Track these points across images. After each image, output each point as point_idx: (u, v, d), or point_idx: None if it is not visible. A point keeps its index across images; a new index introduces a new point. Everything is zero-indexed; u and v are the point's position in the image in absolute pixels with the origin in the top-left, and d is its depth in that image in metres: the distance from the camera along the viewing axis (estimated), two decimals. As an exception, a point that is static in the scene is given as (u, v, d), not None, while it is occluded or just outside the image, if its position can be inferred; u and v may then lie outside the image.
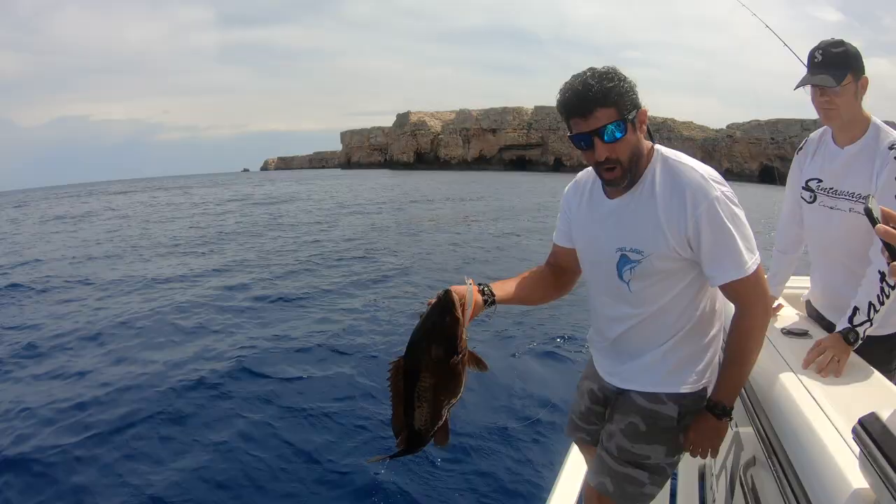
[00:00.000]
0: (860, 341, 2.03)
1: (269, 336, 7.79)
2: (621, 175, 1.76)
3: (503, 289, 1.92)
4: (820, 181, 2.37)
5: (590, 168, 1.93)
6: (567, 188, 2.10)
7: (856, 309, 2.07)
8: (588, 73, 1.69)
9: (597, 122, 1.66)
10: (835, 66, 2.15)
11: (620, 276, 1.87)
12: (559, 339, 7.61)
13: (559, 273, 2.08)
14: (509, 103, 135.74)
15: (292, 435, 5.07)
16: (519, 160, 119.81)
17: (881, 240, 1.06)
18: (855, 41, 2.19)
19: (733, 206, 1.74)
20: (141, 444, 4.91)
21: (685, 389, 1.94)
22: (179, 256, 15.00)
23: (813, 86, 2.23)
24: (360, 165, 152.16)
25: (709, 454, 1.96)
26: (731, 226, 1.71)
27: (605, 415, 2.14)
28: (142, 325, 8.52)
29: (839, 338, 2.04)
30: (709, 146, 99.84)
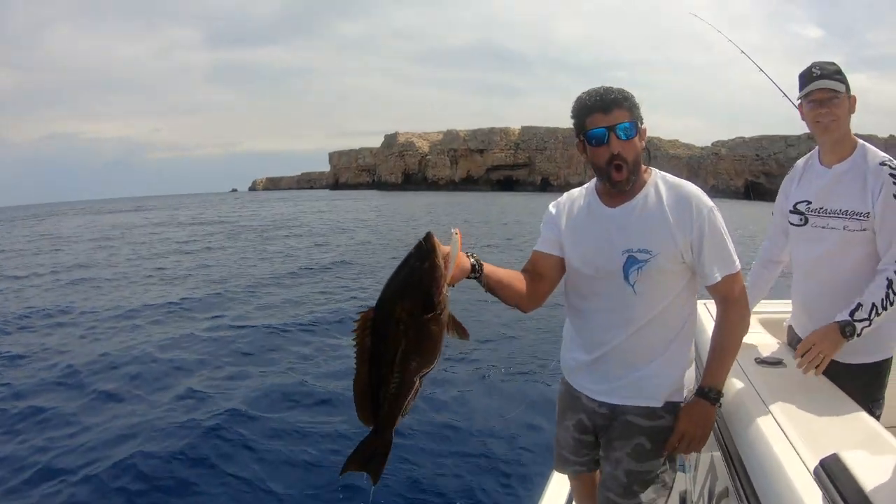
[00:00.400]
0: (856, 337, 2.05)
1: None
2: (627, 177, 1.92)
3: (492, 268, 1.87)
4: (809, 203, 2.34)
5: (578, 188, 2.17)
6: (557, 201, 2.17)
7: (859, 305, 2.07)
8: (607, 86, 1.92)
9: (615, 118, 1.87)
10: (833, 79, 2.18)
11: (626, 278, 1.94)
12: (531, 363, 7.52)
13: (536, 280, 2.05)
14: (496, 124, 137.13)
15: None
16: (506, 180, 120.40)
17: None
18: (836, 57, 2.34)
19: (721, 217, 1.97)
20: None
21: (677, 399, 2.03)
22: (162, 285, 14.52)
23: (810, 100, 2.23)
24: (348, 186, 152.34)
25: (691, 459, 2.00)
26: (723, 231, 1.94)
27: (594, 443, 2.15)
28: (113, 362, 7.67)
29: (836, 328, 2.05)
30: (694, 164, 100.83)
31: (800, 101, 2.30)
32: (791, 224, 2.44)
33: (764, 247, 2.69)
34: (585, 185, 2.14)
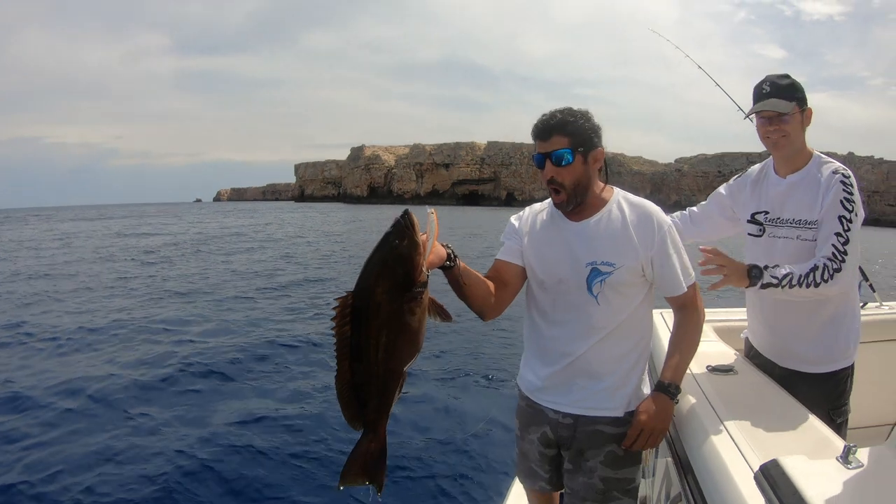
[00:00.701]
0: (756, 286, 2.06)
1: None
2: (566, 200, 1.98)
3: (464, 264, 1.85)
4: (766, 213, 2.35)
5: (540, 203, 2.22)
6: (519, 214, 2.21)
7: (779, 267, 2.07)
8: (560, 108, 1.97)
9: (552, 145, 1.93)
10: (783, 95, 2.19)
11: (590, 290, 1.98)
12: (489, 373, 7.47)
13: (500, 287, 2.04)
14: (463, 138, 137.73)
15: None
16: (472, 195, 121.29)
17: None
18: (797, 77, 2.24)
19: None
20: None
21: (637, 405, 2.07)
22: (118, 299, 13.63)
23: (760, 117, 2.24)
24: (313, 198, 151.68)
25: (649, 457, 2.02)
26: (680, 245, 2.04)
27: (557, 457, 2.16)
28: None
29: (744, 269, 2.07)
30: (658, 180, 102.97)
31: (752, 115, 2.31)
32: (749, 234, 2.44)
33: (683, 216, 2.71)
34: (548, 200, 2.15)
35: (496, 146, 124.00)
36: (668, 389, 1.98)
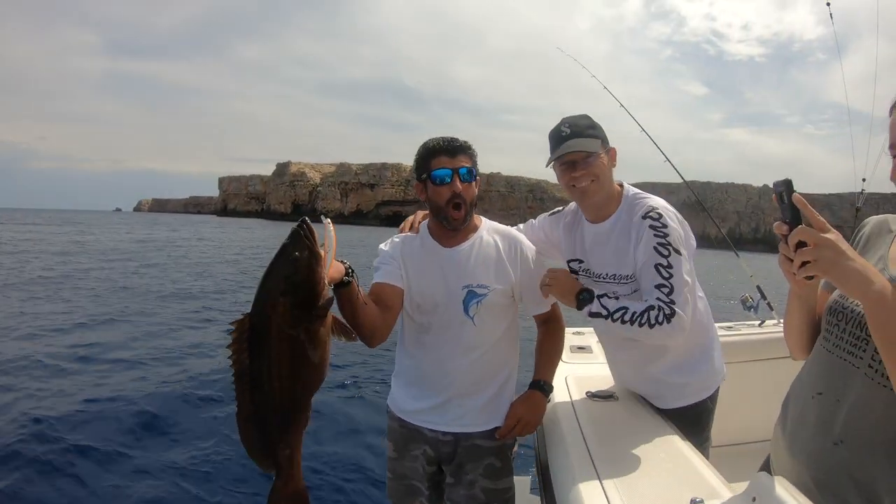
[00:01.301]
0: (585, 310, 1.87)
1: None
2: (464, 215, 2.01)
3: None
4: (581, 262, 2.16)
5: (401, 233, 2.20)
6: (389, 241, 2.16)
7: (614, 299, 1.87)
8: (453, 136, 2.04)
9: (459, 162, 1.98)
10: (586, 135, 1.97)
11: (466, 311, 2.04)
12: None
13: (384, 310, 1.97)
14: (389, 159, 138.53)
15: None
16: (395, 216, 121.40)
17: (786, 209, 1.09)
18: (718, 113, 4.19)
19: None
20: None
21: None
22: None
23: (562, 163, 1.99)
24: (236, 213, 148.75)
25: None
26: (545, 267, 2.14)
27: (437, 473, 2.19)
28: None
29: (574, 288, 1.91)
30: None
31: (552, 163, 2.05)
32: None
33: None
34: (411, 231, 2.18)
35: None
36: (542, 387, 2.10)
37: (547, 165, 2.08)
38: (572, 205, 2.22)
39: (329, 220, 1.50)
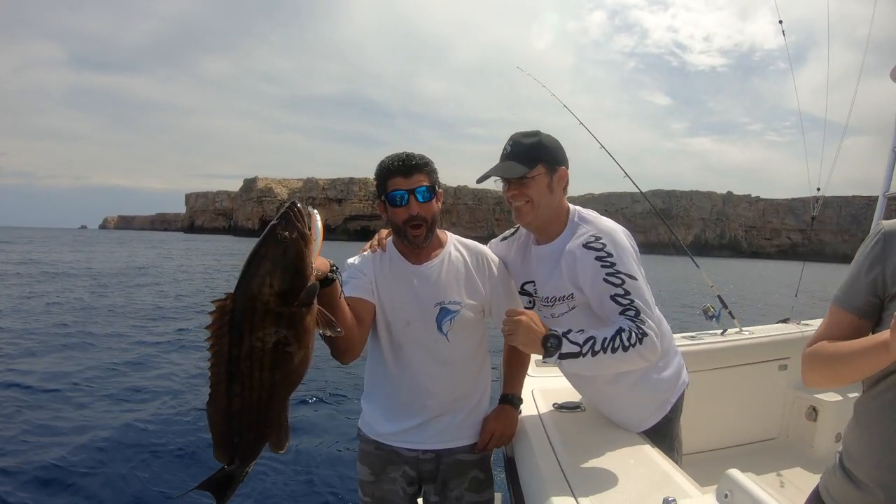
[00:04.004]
0: (551, 357, 1.75)
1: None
2: (425, 234, 1.97)
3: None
4: (534, 283, 2.11)
5: (371, 251, 2.13)
6: (357, 257, 2.12)
7: (578, 332, 1.77)
8: (410, 152, 1.98)
9: (415, 182, 1.92)
10: (523, 156, 1.96)
11: (440, 328, 2.02)
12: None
13: (359, 322, 1.94)
14: (356, 174, 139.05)
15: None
16: (363, 230, 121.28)
17: None
18: (682, 122, 4.03)
19: None
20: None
21: None
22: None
23: (503, 180, 2.01)
24: (203, 230, 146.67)
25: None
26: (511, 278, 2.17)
27: (416, 494, 2.18)
28: None
29: (542, 336, 1.75)
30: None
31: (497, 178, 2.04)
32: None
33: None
34: (377, 250, 2.13)
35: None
36: (512, 401, 2.17)
37: (478, 182, 2.07)
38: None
39: (315, 210, 1.44)
